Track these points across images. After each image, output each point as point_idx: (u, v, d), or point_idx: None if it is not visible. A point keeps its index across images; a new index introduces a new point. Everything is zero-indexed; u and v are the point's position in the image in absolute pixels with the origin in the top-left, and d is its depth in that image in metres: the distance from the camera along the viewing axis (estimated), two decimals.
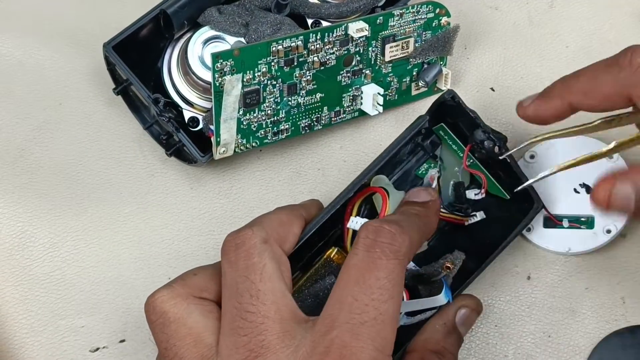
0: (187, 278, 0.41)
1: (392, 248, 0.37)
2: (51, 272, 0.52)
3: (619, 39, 0.57)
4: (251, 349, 0.37)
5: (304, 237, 0.44)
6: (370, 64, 0.52)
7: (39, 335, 0.50)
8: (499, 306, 0.50)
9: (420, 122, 0.48)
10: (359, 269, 0.37)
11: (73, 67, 0.57)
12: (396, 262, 0.37)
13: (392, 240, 0.37)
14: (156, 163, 0.54)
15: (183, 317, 0.39)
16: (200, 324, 0.39)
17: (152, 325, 0.40)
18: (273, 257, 0.39)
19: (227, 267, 0.39)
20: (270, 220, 0.42)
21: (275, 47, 0.48)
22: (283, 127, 0.51)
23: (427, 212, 0.43)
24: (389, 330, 0.36)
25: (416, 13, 0.52)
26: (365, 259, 0.37)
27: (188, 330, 0.39)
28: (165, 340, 0.39)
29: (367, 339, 0.35)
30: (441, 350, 0.44)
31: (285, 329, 0.37)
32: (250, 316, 0.37)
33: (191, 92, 0.51)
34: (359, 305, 0.36)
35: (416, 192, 0.45)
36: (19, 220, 0.52)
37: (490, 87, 0.56)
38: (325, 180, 0.54)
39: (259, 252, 0.39)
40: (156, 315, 0.39)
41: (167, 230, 0.53)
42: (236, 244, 0.39)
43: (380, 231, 0.38)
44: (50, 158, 0.54)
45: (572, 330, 0.50)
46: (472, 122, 0.47)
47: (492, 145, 0.47)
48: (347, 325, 0.36)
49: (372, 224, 0.38)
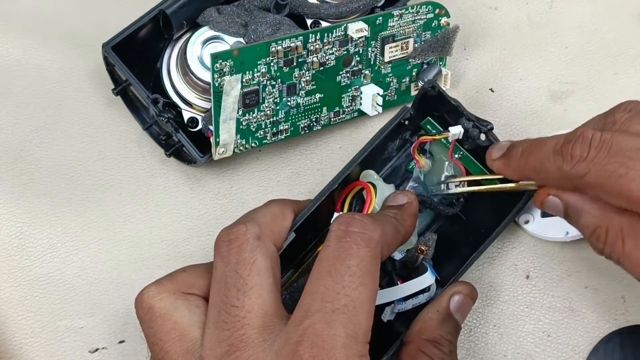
0: (175, 275, 0.42)
1: (363, 236, 0.38)
2: (50, 273, 0.51)
3: (618, 39, 0.57)
4: (231, 343, 0.37)
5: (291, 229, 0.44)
6: (370, 64, 0.52)
7: (38, 336, 0.50)
8: (498, 306, 0.50)
9: (402, 112, 0.48)
10: (330, 259, 0.37)
11: (72, 68, 0.57)
12: (367, 250, 0.37)
13: (364, 229, 0.38)
14: (155, 163, 0.54)
15: (169, 312, 0.40)
16: (186, 319, 0.39)
17: (141, 320, 0.40)
18: (265, 253, 0.39)
19: (219, 261, 0.40)
20: (264, 216, 0.42)
21: (275, 47, 0.48)
22: (282, 127, 0.51)
23: (402, 214, 0.43)
24: (363, 317, 0.36)
25: (416, 13, 0.52)
26: (337, 249, 0.37)
27: (173, 325, 0.39)
28: (152, 335, 0.40)
29: (339, 325, 0.36)
30: (437, 339, 0.44)
31: (266, 323, 0.37)
32: (234, 310, 0.38)
33: (190, 92, 0.51)
34: (330, 293, 0.36)
35: (394, 197, 0.45)
36: (18, 221, 0.52)
37: (490, 88, 0.56)
38: (325, 180, 0.54)
39: (251, 248, 0.39)
40: (144, 310, 0.40)
41: (167, 230, 0.53)
42: (229, 239, 0.40)
43: (352, 221, 0.38)
44: (49, 158, 0.54)
45: (571, 330, 0.50)
46: (455, 111, 0.47)
47: (478, 132, 0.47)
48: (319, 314, 0.36)
49: (344, 215, 0.39)
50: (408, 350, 0.44)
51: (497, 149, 0.45)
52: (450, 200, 0.49)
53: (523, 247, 0.51)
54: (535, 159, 0.41)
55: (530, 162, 0.41)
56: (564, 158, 0.39)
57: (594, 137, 0.38)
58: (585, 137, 0.38)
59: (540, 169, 0.41)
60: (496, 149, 0.45)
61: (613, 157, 0.37)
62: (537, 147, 0.41)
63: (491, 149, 0.45)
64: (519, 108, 0.55)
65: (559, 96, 0.56)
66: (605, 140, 0.38)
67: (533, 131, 0.54)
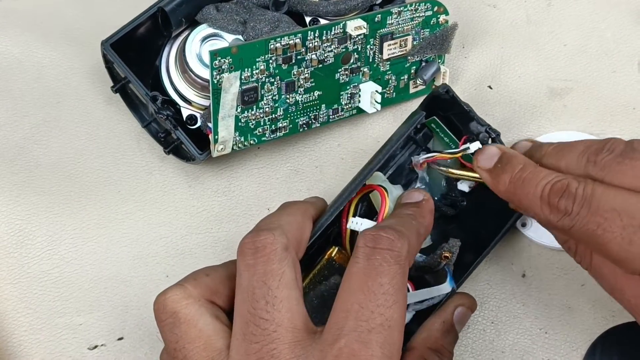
0: (199, 279, 0.41)
1: (392, 254, 0.38)
2: (49, 270, 0.52)
3: (616, 37, 0.57)
4: (261, 357, 0.37)
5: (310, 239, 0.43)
6: (368, 61, 0.53)
7: (38, 333, 0.50)
8: (495, 303, 0.50)
9: (418, 118, 0.48)
10: (361, 277, 0.37)
11: (71, 65, 0.57)
12: (397, 267, 0.37)
13: (391, 246, 0.38)
14: (154, 161, 0.55)
15: (194, 318, 0.39)
16: (211, 327, 0.39)
17: (162, 324, 0.39)
18: (291, 264, 0.39)
19: (244, 269, 0.39)
20: (289, 224, 0.41)
21: (274, 44, 0.48)
22: (281, 124, 0.51)
23: (421, 211, 0.43)
24: (397, 336, 0.37)
25: (414, 11, 0.52)
26: (367, 266, 0.37)
27: (198, 333, 0.39)
28: (174, 341, 0.39)
29: (375, 346, 0.36)
30: (440, 349, 0.45)
31: (297, 338, 0.37)
32: (263, 323, 0.37)
33: (189, 89, 0.51)
34: (364, 312, 0.36)
35: (409, 194, 0.45)
36: (17, 218, 0.52)
37: (488, 85, 0.56)
38: (323, 177, 0.54)
39: (280, 259, 0.38)
40: (167, 314, 0.39)
41: (165, 227, 0.53)
42: (256, 247, 0.39)
43: (379, 238, 0.38)
44: (48, 156, 0.54)
45: (569, 327, 0.50)
46: (466, 115, 0.47)
47: (488, 137, 0.47)
48: (355, 334, 0.36)
49: (369, 232, 0.39)
50: (412, 356, 0.44)
51: (485, 157, 0.44)
52: (452, 200, 0.49)
53: (519, 246, 0.52)
54: (524, 197, 0.41)
55: (518, 197, 0.41)
56: (551, 210, 0.39)
57: (577, 192, 0.38)
58: (569, 191, 0.39)
59: (528, 208, 0.41)
60: (484, 158, 0.44)
61: (593, 216, 0.38)
62: (526, 186, 0.41)
63: (479, 154, 0.44)
64: (517, 105, 0.55)
65: (557, 93, 0.56)
66: (587, 196, 0.38)
67: (532, 127, 0.54)
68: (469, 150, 0.46)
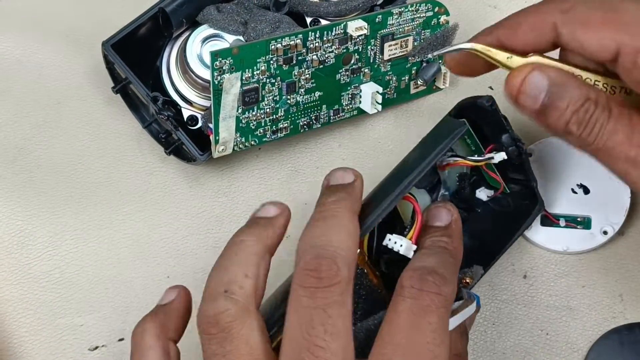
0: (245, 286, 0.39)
1: (439, 297, 0.38)
2: (50, 271, 0.52)
3: None
4: None
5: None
6: (369, 62, 0.53)
7: (38, 334, 0.50)
8: (496, 305, 0.50)
9: (461, 130, 0.44)
10: (409, 315, 0.37)
11: (72, 66, 0.57)
12: (444, 310, 0.38)
13: (438, 290, 0.38)
14: (155, 162, 0.54)
15: (246, 334, 0.37)
16: (261, 347, 0.38)
17: (209, 337, 0.38)
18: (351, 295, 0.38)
19: (303, 294, 0.37)
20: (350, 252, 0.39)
21: (274, 45, 0.48)
22: (282, 125, 0.51)
23: (452, 241, 0.43)
24: None
25: (415, 11, 0.52)
26: (415, 305, 0.38)
27: (249, 350, 0.37)
28: (222, 355, 0.37)
29: None
30: (460, 352, 0.45)
31: None
32: (317, 351, 0.36)
33: (190, 90, 0.51)
34: (414, 347, 0.37)
35: (436, 214, 0.44)
36: (18, 219, 0.52)
37: (489, 86, 0.56)
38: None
39: (341, 292, 0.37)
40: (218, 327, 0.37)
41: (166, 228, 0.53)
42: (319, 277, 0.37)
43: (425, 282, 0.38)
44: (49, 157, 0.54)
45: (569, 328, 0.50)
46: (501, 126, 0.47)
47: (516, 151, 0.47)
48: None
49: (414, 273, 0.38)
50: None
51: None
52: (463, 197, 0.49)
53: (520, 248, 0.52)
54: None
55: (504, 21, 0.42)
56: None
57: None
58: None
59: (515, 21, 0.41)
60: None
61: None
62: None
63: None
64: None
65: None
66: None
67: (533, 126, 0.54)
68: (493, 160, 0.46)
